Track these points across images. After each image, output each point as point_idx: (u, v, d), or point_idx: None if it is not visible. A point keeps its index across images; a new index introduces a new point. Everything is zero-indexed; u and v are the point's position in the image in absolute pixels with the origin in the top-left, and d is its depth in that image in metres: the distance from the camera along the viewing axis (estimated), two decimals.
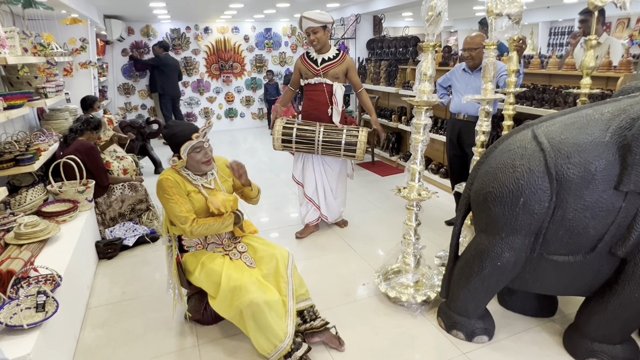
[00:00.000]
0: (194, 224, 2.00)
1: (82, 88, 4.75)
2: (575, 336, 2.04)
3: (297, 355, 1.93)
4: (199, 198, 2.08)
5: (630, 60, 2.96)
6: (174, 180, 2.03)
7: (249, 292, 1.92)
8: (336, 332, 2.14)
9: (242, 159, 6.68)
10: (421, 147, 2.33)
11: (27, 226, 2.37)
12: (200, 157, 2.05)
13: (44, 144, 3.07)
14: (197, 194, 2.08)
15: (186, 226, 1.99)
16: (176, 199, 2.00)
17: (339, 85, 3.15)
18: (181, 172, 2.08)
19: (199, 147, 2.04)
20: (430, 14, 2.10)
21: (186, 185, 2.06)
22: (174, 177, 2.04)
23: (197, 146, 2.03)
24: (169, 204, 2.01)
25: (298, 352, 1.95)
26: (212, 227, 2.05)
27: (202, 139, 2.03)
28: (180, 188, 2.03)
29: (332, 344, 2.11)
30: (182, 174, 2.08)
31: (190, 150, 2.02)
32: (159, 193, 2.04)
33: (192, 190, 2.07)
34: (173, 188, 2.01)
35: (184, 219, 1.99)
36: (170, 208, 2.01)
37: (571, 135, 1.73)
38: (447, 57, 4.79)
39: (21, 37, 2.82)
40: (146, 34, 7.60)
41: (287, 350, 1.93)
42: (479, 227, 2.03)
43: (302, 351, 1.96)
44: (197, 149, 2.04)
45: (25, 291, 1.89)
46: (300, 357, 1.94)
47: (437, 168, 4.81)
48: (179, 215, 1.99)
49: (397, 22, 10.75)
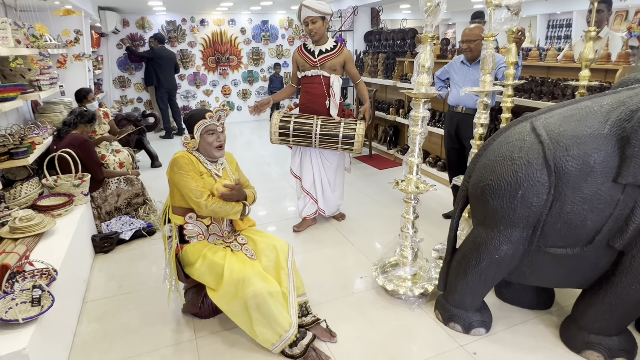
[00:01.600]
0: (209, 199, 2.05)
1: (76, 81, 4.70)
2: (572, 328, 2.04)
3: (303, 344, 1.95)
4: (210, 181, 2.12)
5: (629, 52, 2.94)
6: (189, 159, 2.07)
7: (252, 283, 1.93)
8: (326, 325, 2.16)
9: (239, 152, 6.60)
10: (419, 139, 2.31)
11: (22, 220, 2.35)
12: (212, 140, 2.09)
13: (38, 137, 3.04)
14: (209, 176, 2.12)
15: (202, 199, 2.02)
16: (192, 175, 2.05)
17: (336, 77, 3.12)
18: (194, 153, 2.13)
19: (212, 129, 2.09)
20: (428, 4, 2.08)
21: (199, 166, 2.11)
22: (189, 157, 2.09)
23: (210, 128, 2.08)
24: (184, 179, 2.03)
25: (304, 340, 1.96)
26: (225, 207, 2.09)
27: (215, 121, 2.09)
28: (195, 167, 2.08)
29: (324, 337, 2.11)
30: (194, 155, 2.12)
31: (203, 130, 2.07)
32: (173, 170, 2.06)
33: (204, 172, 2.12)
34: (189, 165, 2.06)
35: (200, 193, 2.03)
36: (187, 182, 2.03)
37: (570, 127, 1.72)
38: (445, 50, 4.76)
39: (13, 28, 2.78)
40: (141, 26, 7.52)
41: (292, 339, 1.94)
42: (477, 220, 2.02)
43: (308, 339, 1.97)
44: (210, 131, 2.09)
45: (21, 285, 1.87)
46: (306, 345, 1.95)
47: (434, 161, 4.81)
48: (195, 190, 2.02)
49: (395, 15, 10.69)
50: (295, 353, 1.94)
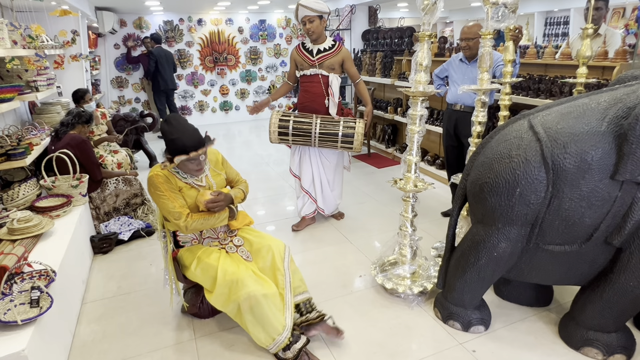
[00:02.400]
0: (189, 219, 1.98)
1: (74, 81, 4.69)
2: (570, 325, 2.05)
3: (295, 348, 1.93)
4: (191, 194, 2.04)
5: (627, 49, 2.94)
6: (164, 176, 1.99)
7: (245, 285, 1.92)
8: (333, 322, 2.12)
9: (238, 152, 6.57)
10: (417, 138, 2.31)
11: (20, 221, 2.34)
12: (193, 167, 1.99)
13: (36, 138, 3.04)
14: (189, 189, 2.05)
15: (180, 222, 1.97)
16: (168, 195, 1.97)
17: (334, 76, 3.12)
18: (171, 169, 2.03)
19: (194, 159, 1.96)
20: (426, 2, 2.08)
21: (176, 181, 2.03)
22: (164, 173, 2.00)
23: (193, 159, 1.95)
24: (161, 200, 1.98)
25: (297, 344, 1.94)
26: (208, 221, 2.03)
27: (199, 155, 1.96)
28: (171, 184, 2.00)
29: (331, 335, 2.09)
30: (170, 171, 2.03)
31: (184, 159, 1.94)
32: (150, 190, 2.01)
33: (183, 186, 2.04)
34: (164, 184, 1.98)
35: (178, 214, 1.97)
36: (163, 204, 1.98)
37: (567, 124, 1.72)
38: (443, 48, 4.76)
39: (9, 29, 2.77)
40: (139, 26, 7.50)
41: (286, 343, 1.92)
42: (475, 218, 2.03)
43: (301, 343, 1.95)
44: (192, 160, 1.96)
45: (19, 287, 1.87)
46: (299, 349, 1.93)
47: (433, 159, 4.81)
48: (172, 211, 1.97)
49: (393, 13, 10.68)
50: (288, 357, 1.92)
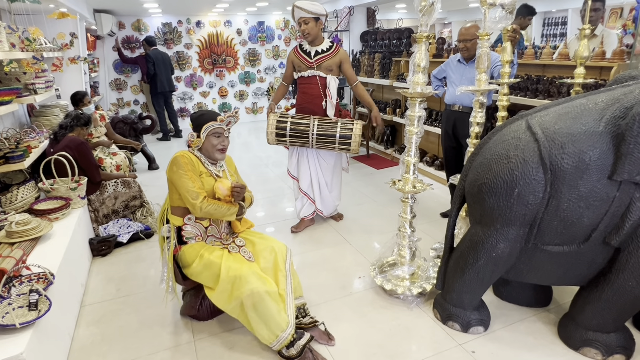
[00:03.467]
0: (205, 201, 2.05)
1: (72, 84, 4.68)
2: (569, 325, 2.05)
3: (299, 344, 1.94)
4: (209, 181, 2.12)
5: (624, 49, 2.95)
6: (189, 159, 2.08)
7: (249, 282, 1.93)
8: (325, 328, 2.15)
9: (237, 154, 6.59)
10: (415, 139, 2.32)
11: (18, 224, 2.34)
12: (217, 143, 2.10)
13: (35, 140, 3.04)
14: (208, 176, 2.13)
15: (197, 201, 2.03)
16: (190, 175, 2.05)
17: (332, 77, 3.12)
18: (195, 152, 2.13)
19: (219, 132, 2.10)
20: (423, 4, 2.08)
21: (199, 166, 2.11)
22: (189, 156, 2.09)
23: (218, 131, 2.09)
24: (183, 179, 2.04)
25: (300, 340, 1.95)
26: (220, 209, 2.09)
27: (224, 125, 2.10)
28: (195, 167, 2.08)
29: (322, 340, 2.10)
30: (196, 154, 2.13)
31: (210, 132, 2.08)
32: (172, 169, 2.07)
33: (204, 172, 2.12)
34: (188, 164, 2.06)
35: (196, 194, 2.04)
36: (184, 183, 2.04)
37: (565, 125, 1.72)
38: (441, 49, 4.77)
39: (7, 32, 2.77)
40: (137, 28, 7.50)
41: (289, 340, 1.93)
42: (474, 219, 2.03)
43: (305, 340, 1.96)
44: (217, 133, 2.10)
45: (17, 290, 1.86)
46: (303, 345, 1.94)
47: (432, 160, 4.81)
48: (192, 190, 2.03)
49: (391, 14, 10.69)
50: (292, 354, 1.93)
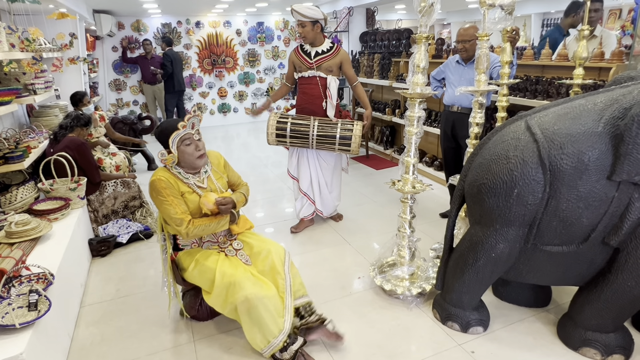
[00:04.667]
0: (190, 226, 1.97)
1: (72, 84, 4.68)
2: (569, 325, 2.05)
3: (292, 349, 1.92)
4: (193, 198, 2.03)
5: (623, 50, 2.96)
6: (167, 181, 1.98)
7: (242, 288, 1.91)
8: (333, 327, 2.11)
9: (236, 154, 6.57)
10: (415, 139, 2.32)
11: (18, 224, 2.34)
12: (192, 151, 1.99)
13: (34, 141, 3.04)
14: (191, 194, 2.04)
15: (182, 228, 1.96)
16: (170, 200, 1.96)
17: (332, 78, 3.12)
18: (173, 170, 2.03)
19: (187, 138, 1.98)
20: (422, 4, 2.08)
21: (179, 186, 2.01)
22: (167, 178, 1.99)
23: (186, 137, 1.97)
24: (163, 206, 1.97)
25: (293, 345, 1.93)
26: (209, 227, 2.03)
27: (189, 130, 1.98)
28: (174, 188, 1.99)
29: (331, 339, 2.08)
30: (173, 173, 2.03)
31: (179, 142, 1.96)
32: (152, 195, 1.99)
33: (186, 191, 2.03)
34: (167, 189, 1.96)
35: (180, 220, 1.96)
36: (165, 210, 1.97)
37: (564, 125, 1.72)
38: (440, 50, 4.78)
39: (7, 32, 2.77)
40: (137, 28, 7.50)
41: (281, 346, 1.92)
42: (473, 219, 2.03)
43: (298, 345, 1.95)
44: (187, 140, 1.98)
45: (17, 290, 1.86)
46: (295, 350, 1.93)
47: (431, 161, 4.82)
48: (174, 217, 1.96)
49: (390, 15, 10.70)
50: (285, 358, 1.92)
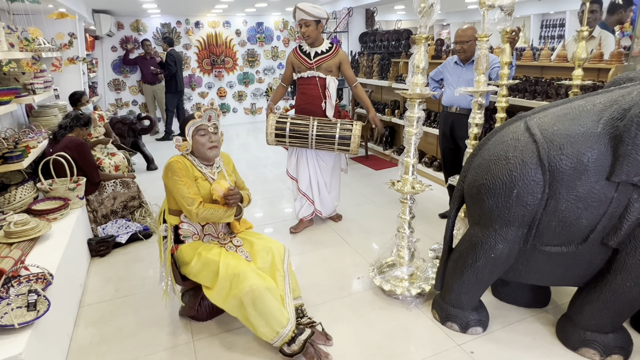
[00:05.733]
0: (200, 207, 2.03)
1: (71, 84, 4.68)
2: (568, 326, 2.06)
3: (301, 339, 1.93)
4: (205, 185, 2.11)
5: (621, 51, 2.97)
6: (184, 164, 2.07)
7: (247, 278, 1.92)
8: (322, 328, 2.14)
9: (236, 154, 6.59)
10: (414, 140, 2.32)
11: (17, 224, 2.33)
12: (205, 141, 2.07)
13: (33, 141, 3.03)
14: (203, 180, 2.11)
15: (193, 207, 2.02)
16: (185, 181, 2.04)
17: (332, 78, 3.13)
18: (188, 157, 2.12)
19: (203, 129, 2.07)
20: (422, 5, 2.09)
21: (194, 171, 2.10)
22: (184, 161, 2.08)
23: (201, 128, 2.07)
24: (177, 185, 2.03)
25: (302, 336, 1.94)
26: (217, 213, 2.07)
27: (205, 121, 2.07)
28: (189, 172, 2.07)
29: (320, 341, 2.09)
30: (189, 159, 2.11)
31: (194, 132, 2.06)
32: (167, 175, 2.06)
33: (199, 177, 2.11)
34: (183, 170, 2.05)
35: (192, 200, 2.02)
36: (179, 189, 2.03)
37: (564, 126, 1.73)
38: (440, 50, 4.78)
39: (6, 32, 2.77)
40: (136, 28, 7.50)
41: (290, 336, 1.92)
42: (473, 220, 2.03)
43: (306, 335, 1.95)
44: (202, 131, 2.07)
45: (16, 290, 1.86)
46: (304, 340, 1.93)
47: (430, 161, 4.83)
48: (187, 197, 2.02)
49: (390, 16, 10.72)
50: (294, 350, 1.92)
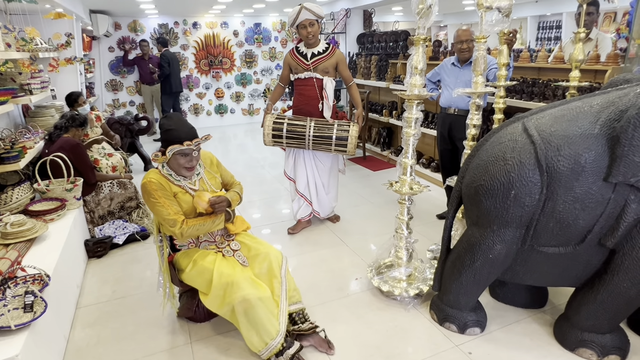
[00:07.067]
0: (184, 226, 1.97)
1: (68, 84, 4.66)
2: (565, 326, 2.06)
3: (288, 354, 1.91)
4: (186, 199, 2.03)
5: (618, 53, 2.98)
6: (158, 182, 1.98)
7: (240, 288, 1.91)
8: (325, 335, 2.11)
9: (233, 155, 6.57)
10: (412, 141, 2.33)
11: (13, 225, 2.32)
12: (184, 162, 2.00)
13: (30, 141, 3.02)
14: (184, 194, 2.04)
15: (175, 229, 1.96)
16: (162, 202, 1.96)
17: (329, 79, 3.13)
18: (163, 171, 2.04)
19: (186, 154, 1.99)
20: (420, 6, 2.09)
21: (171, 187, 2.02)
22: (158, 179, 1.99)
23: (185, 152, 1.98)
24: (156, 208, 1.97)
25: (290, 350, 1.92)
26: (203, 226, 2.02)
27: (192, 147, 1.98)
28: (166, 190, 1.99)
29: (322, 348, 2.07)
30: (164, 174, 2.03)
31: (176, 152, 1.97)
32: (144, 197, 2.00)
33: (178, 191, 2.03)
34: (158, 191, 1.96)
35: (173, 221, 1.96)
36: (158, 212, 1.97)
37: (561, 127, 1.74)
38: (437, 52, 4.80)
39: (3, 32, 2.76)
40: (133, 29, 7.48)
41: (279, 349, 1.91)
42: (471, 220, 2.04)
43: (294, 349, 1.93)
44: (184, 154, 1.99)
45: (13, 291, 1.85)
46: (292, 355, 1.92)
47: (428, 162, 4.83)
48: (167, 219, 1.96)
49: (387, 17, 10.74)
50: None
